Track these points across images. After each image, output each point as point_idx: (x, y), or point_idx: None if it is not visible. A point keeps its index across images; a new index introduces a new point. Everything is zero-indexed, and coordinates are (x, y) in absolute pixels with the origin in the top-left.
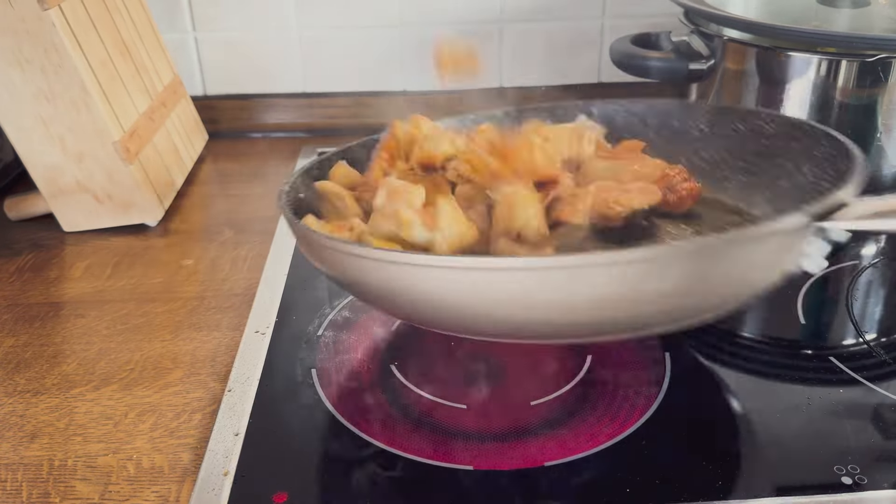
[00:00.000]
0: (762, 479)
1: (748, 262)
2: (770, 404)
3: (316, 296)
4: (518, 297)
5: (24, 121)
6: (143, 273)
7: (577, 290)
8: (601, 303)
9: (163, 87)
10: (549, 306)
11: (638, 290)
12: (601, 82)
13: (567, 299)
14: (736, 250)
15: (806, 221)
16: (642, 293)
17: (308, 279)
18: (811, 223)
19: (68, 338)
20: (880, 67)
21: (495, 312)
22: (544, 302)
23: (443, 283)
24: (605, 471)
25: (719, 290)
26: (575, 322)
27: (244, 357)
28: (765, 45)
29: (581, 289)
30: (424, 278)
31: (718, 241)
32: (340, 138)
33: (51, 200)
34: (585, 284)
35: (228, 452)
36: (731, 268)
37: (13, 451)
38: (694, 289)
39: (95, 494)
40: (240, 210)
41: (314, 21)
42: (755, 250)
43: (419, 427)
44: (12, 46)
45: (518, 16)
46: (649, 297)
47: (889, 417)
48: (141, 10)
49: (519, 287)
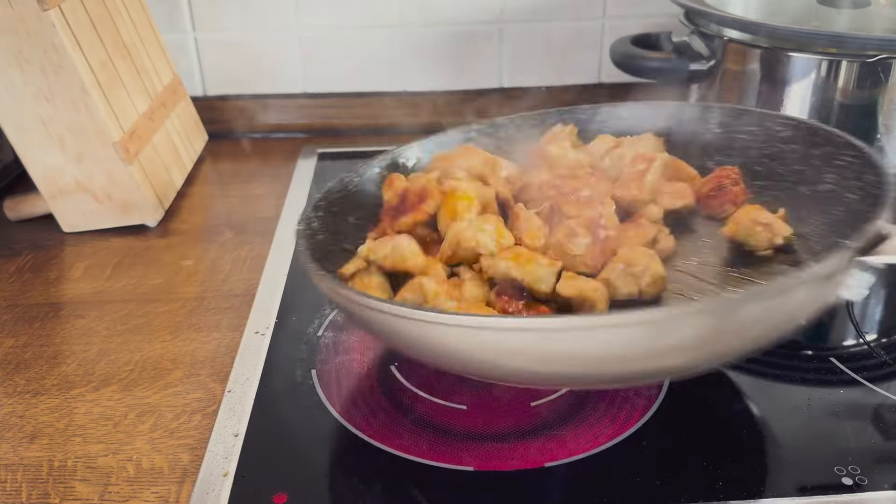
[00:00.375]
0: (762, 479)
1: (788, 304)
2: (770, 405)
3: (316, 296)
4: (524, 352)
5: (24, 121)
6: (142, 274)
7: (587, 348)
8: (615, 358)
9: (162, 87)
10: (556, 362)
11: (653, 348)
12: (601, 83)
13: (577, 355)
14: (773, 300)
15: (848, 259)
16: (659, 349)
17: (308, 280)
18: (853, 259)
19: (68, 338)
20: (880, 68)
21: (507, 364)
22: (552, 357)
23: (455, 338)
24: (605, 471)
25: (750, 334)
26: (590, 374)
27: (244, 358)
28: (765, 45)
29: (591, 346)
30: (441, 334)
31: (764, 291)
32: (340, 138)
33: (50, 201)
34: (596, 342)
35: (228, 453)
36: (767, 313)
37: (13, 451)
38: (719, 338)
39: (95, 495)
40: (240, 210)
41: (314, 21)
42: (800, 292)
43: (419, 428)
44: (12, 47)
45: (518, 16)
46: (668, 352)
47: (889, 418)
48: (141, 11)
49: (522, 344)
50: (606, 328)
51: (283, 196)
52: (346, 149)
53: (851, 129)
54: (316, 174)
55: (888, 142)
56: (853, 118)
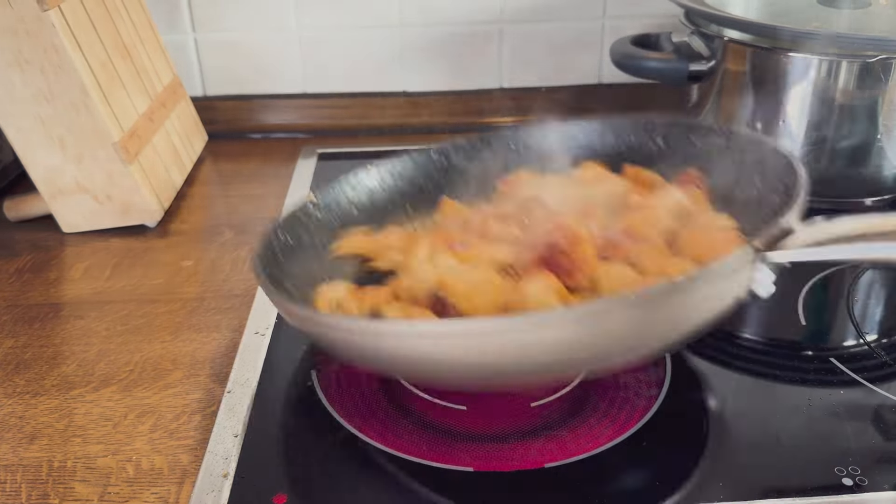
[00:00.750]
0: (763, 480)
1: (699, 299)
2: (771, 405)
3: None
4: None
5: (24, 121)
6: (142, 274)
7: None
8: (558, 347)
9: (162, 87)
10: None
11: (593, 335)
12: (601, 83)
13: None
14: (685, 294)
15: (751, 255)
16: (597, 337)
17: None
18: (756, 255)
19: (68, 339)
20: (881, 68)
21: (466, 370)
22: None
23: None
24: (605, 472)
25: (671, 328)
26: (537, 364)
27: (244, 358)
28: (765, 45)
29: (540, 338)
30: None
31: (666, 288)
32: (340, 138)
33: (50, 201)
34: (543, 335)
35: (228, 454)
36: (681, 307)
37: (12, 452)
38: (645, 330)
39: (94, 496)
40: (240, 211)
41: (314, 21)
42: (704, 289)
43: (419, 428)
44: (12, 47)
45: (518, 16)
46: (605, 339)
47: (890, 419)
48: (141, 11)
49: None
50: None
51: (283, 196)
52: (346, 149)
53: (851, 129)
54: (316, 174)
55: (888, 142)
56: (853, 118)
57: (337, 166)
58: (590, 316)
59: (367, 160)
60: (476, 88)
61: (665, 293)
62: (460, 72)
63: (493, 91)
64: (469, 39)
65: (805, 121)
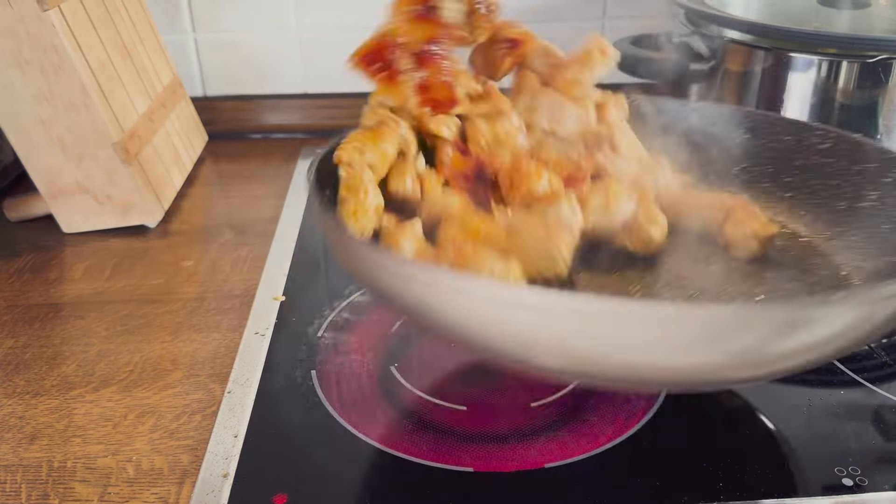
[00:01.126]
0: (763, 480)
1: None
2: (771, 405)
3: (316, 297)
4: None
5: (24, 122)
6: (142, 274)
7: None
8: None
9: (162, 87)
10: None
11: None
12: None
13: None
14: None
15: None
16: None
17: (308, 280)
18: None
19: (68, 339)
20: (881, 68)
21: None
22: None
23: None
24: (605, 472)
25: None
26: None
27: (244, 358)
28: (765, 46)
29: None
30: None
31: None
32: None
33: (50, 201)
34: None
35: (228, 454)
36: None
37: (12, 452)
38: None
39: (95, 496)
40: (240, 211)
41: (314, 21)
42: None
43: (419, 428)
44: (12, 47)
45: (518, 16)
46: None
47: (890, 419)
48: (141, 11)
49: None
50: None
51: (283, 197)
52: None
53: (851, 129)
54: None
55: (888, 142)
56: (853, 119)
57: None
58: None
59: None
60: None
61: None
62: None
63: None
64: None
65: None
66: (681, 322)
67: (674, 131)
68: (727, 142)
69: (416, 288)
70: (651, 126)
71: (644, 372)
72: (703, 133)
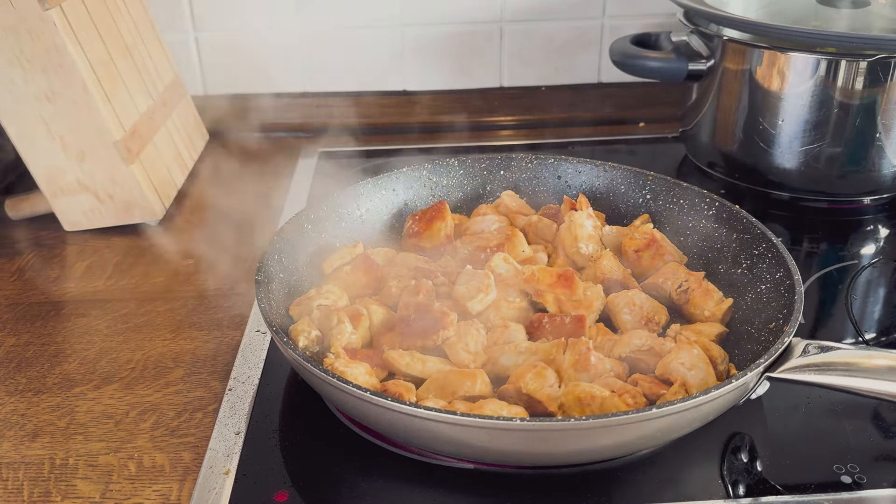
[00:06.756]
0: (762, 478)
1: (708, 410)
2: (770, 404)
3: None
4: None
5: (26, 121)
6: (143, 272)
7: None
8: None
9: (163, 86)
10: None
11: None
12: (601, 82)
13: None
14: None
15: (758, 377)
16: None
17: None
18: (762, 377)
19: (69, 337)
20: (880, 67)
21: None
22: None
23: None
24: (605, 471)
25: (660, 437)
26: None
27: (245, 356)
28: (765, 45)
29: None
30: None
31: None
32: (340, 138)
33: (52, 200)
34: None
35: (229, 451)
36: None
37: (14, 449)
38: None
39: (96, 493)
40: (240, 210)
41: (314, 21)
42: (718, 402)
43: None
44: (13, 46)
45: (518, 16)
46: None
47: (888, 417)
48: (141, 11)
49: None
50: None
51: (283, 195)
52: (346, 148)
53: (851, 129)
54: (316, 173)
55: (887, 141)
56: (852, 118)
57: (337, 166)
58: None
59: (368, 159)
60: (476, 87)
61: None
62: (460, 71)
63: (493, 90)
64: (469, 39)
65: (804, 120)
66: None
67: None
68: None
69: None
70: None
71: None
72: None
